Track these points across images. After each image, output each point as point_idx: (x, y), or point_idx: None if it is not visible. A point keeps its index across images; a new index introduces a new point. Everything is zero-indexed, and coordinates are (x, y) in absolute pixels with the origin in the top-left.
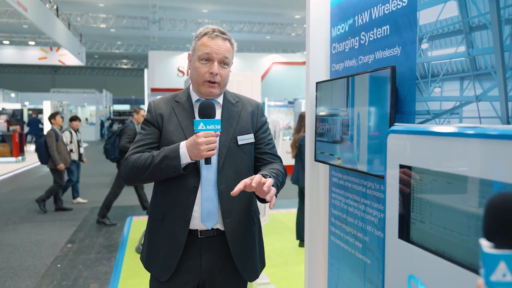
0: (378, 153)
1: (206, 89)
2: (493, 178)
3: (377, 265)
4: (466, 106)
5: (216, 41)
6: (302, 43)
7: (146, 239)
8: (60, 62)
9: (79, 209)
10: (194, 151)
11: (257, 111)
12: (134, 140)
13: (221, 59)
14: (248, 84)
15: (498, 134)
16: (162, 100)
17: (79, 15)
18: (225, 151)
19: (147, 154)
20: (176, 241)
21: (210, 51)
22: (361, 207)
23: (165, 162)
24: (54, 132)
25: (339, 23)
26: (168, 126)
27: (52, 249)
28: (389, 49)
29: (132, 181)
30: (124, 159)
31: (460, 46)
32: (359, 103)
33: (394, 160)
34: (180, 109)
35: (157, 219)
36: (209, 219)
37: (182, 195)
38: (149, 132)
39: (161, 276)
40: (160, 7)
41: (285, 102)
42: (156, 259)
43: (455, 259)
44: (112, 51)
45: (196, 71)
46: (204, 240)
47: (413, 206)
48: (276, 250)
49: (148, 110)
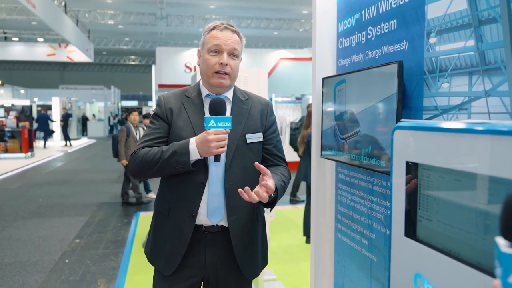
0: (385, 150)
1: (216, 80)
2: (503, 175)
3: (383, 262)
4: (475, 102)
5: (225, 33)
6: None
7: (151, 232)
8: (68, 59)
9: (87, 204)
10: (204, 148)
11: (267, 110)
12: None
13: (230, 50)
14: (255, 80)
15: (509, 130)
16: (172, 94)
17: (87, 11)
18: (233, 149)
19: (156, 148)
20: (181, 236)
21: (219, 43)
22: (368, 204)
23: (174, 158)
24: (126, 128)
25: (346, 17)
26: (178, 121)
27: (60, 244)
28: (396, 43)
29: (140, 175)
30: (133, 153)
31: (469, 40)
32: (366, 99)
33: (400, 156)
34: (190, 104)
35: (163, 213)
36: (215, 215)
37: (189, 190)
38: (158, 126)
39: (165, 270)
40: (167, 3)
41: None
42: (160, 253)
43: (462, 258)
44: (120, 47)
45: (206, 62)
46: (209, 235)
47: (420, 204)
48: (283, 247)
49: (158, 104)
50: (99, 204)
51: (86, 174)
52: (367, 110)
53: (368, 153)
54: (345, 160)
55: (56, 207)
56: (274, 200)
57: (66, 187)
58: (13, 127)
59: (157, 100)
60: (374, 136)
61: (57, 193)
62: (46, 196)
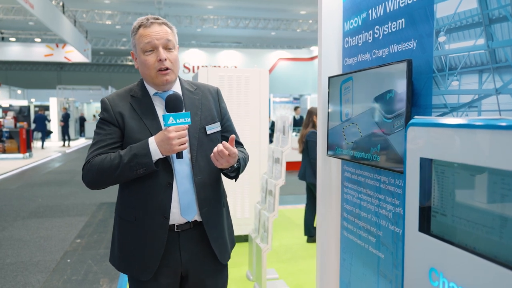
0: (394, 147)
1: (160, 78)
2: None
3: (391, 259)
4: (485, 99)
5: (152, 28)
6: (307, 39)
7: (117, 240)
8: (66, 59)
9: (87, 205)
10: (166, 147)
11: (217, 97)
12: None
13: (164, 43)
14: (256, 80)
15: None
16: (116, 96)
17: (84, 11)
18: (196, 143)
19: (112, 154)
20: (156, 240)
21: (150, 40)
22: (375, 202)
23: (135, 161)
24: None
25: (352, 17)
26: (131, 124)
27: (61, 244)
28: (405, 42)
29: (98, 184)
30: (86, 163)
31: (479, 39)
32: (373, 98)
33: (414, 153)
34: (139, 105)
35: (128, 220)
36: (188, 212)
37: (157, 193)
38: (109, 132)
39: (143, 276)
40: (165, 3)
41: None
42: (133, 260)
43: (479, 252)
44: (118, 47)
45: (145, 64)
46: (181, 233)
47: (434, 199)
48: (284, 246)
49: (104, 109)
50: (99, 204)
51: None
52: (375, 109)
53: (377, 151)
54: (352, 159)
55: (56, 207)
56: (237, 169)
57: (66, 187)
58: (11, 127)
59: (102, 104)
60: (383, 134)
61: (56, 193)
62: (45, 196)
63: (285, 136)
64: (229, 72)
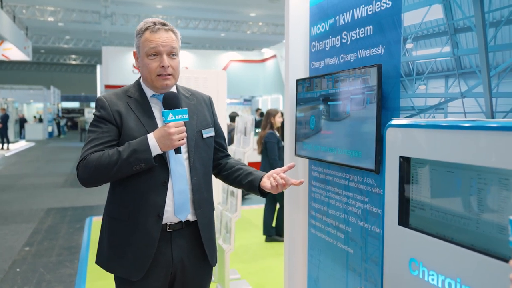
0: (364, 147)
1: (160, 82)
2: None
3: (360, 254)
4: (451, 102)
5: (159, 34)
6: (257, 41)
7: (106, 240)
8: (4, 57)
9: (33, 211)
10: (166, 142)
11: (210, 105)
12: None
13: (169, 50)
14: (214, 81)
15: (497, 126)
16: (113, 95)
17: (24, 7)
18: (193, 144)
19: (110, 151)
20: (148, 238)
21: (156, 45)
22: (343, 199)
23: (134, 156)
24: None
25: (319, 22)
26: (128, 122)
27: (8, 253)
28: (373, 48)
29: (95, 181)
30: (82, 159)
31: (445, 47)
32: (344, 99)
33: (394, 152)
34: (136, 105)
35: (120, 219)
36: (182, 211)
37: (152, 191)
38: (106, 129)
39: (133, 275)
40: (112, 1)
41: (241, 99)
42: (123, 259)
43: (456, 241)
44: (60, 45)
45: (147, 67)
46: (173, 233)
47: (412, 195)
48: (243, 247)
49: (102, 107)
50: (47, 210)
51: (29, 179)
52: (346, 110)
53: (348, 151)
54: (322, 158)
55: None
56: None
57: (9, 193)
58: None
59: (99, 102)
60: (354, 135)
61: None
62: None
63: (246, 137)
64: (187, 73)
